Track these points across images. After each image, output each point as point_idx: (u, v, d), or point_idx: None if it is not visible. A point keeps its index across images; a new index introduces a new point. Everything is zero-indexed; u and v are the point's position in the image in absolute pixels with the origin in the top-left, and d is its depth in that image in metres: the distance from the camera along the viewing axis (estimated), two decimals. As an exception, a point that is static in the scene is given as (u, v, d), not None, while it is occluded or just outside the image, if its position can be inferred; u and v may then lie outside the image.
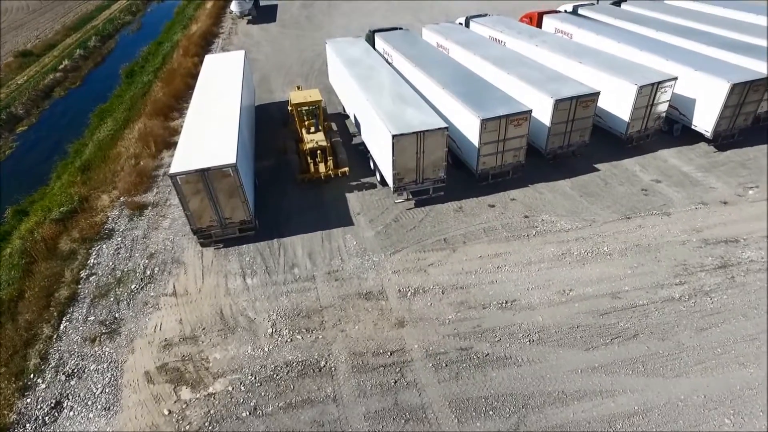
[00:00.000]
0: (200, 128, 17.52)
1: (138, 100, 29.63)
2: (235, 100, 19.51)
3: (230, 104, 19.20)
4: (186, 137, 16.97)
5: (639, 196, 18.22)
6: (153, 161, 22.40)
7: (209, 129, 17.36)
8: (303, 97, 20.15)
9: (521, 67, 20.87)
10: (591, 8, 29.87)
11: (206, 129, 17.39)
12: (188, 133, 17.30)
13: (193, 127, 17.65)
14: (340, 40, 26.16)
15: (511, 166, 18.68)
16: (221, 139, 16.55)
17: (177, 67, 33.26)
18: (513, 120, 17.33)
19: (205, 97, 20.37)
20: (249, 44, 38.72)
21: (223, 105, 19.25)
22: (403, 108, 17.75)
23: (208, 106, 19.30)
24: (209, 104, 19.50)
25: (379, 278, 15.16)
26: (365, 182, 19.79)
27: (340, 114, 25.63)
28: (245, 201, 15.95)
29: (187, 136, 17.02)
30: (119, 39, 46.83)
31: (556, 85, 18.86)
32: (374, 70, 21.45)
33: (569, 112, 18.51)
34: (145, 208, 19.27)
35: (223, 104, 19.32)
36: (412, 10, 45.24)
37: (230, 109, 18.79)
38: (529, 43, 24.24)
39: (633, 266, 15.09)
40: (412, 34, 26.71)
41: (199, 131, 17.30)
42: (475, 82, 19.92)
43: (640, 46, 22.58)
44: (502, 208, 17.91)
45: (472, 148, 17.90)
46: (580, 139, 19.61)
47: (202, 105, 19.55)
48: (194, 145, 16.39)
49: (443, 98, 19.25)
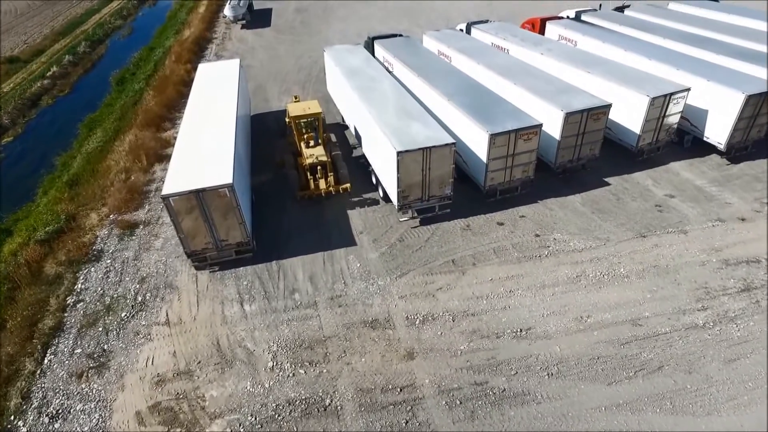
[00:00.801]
0: (194, 144, 16.61)
1: (129, 110, 28.61)
2: (231, 113, 18.62)
3: (225, 117, 18.31)
4: (179, 154, 16.06)
5: (653, 212, 17.52)
6: (144, 175, 21.43)
7: (203, 145, 16.46)
8: (301, 110, 19.29)
9: (528, 77, 20.14)
10: (594, 14, 29.26)
11: (200, 145, 16.48)
12: (181, 149, 16.38)
13: (186, 143, 16.74)
14: (339, 48, 25.34)
15: (520, 182, 17.92)
16: (216, 155, 15.67)
17: (169, 75, 32.29)
18: (523, 134, 16.58)
19: (199, 109, 19.46)
20: (243, 50, 37.81)
21: (217, 118, 18.36)
22: (408, 122, 16.95)
23: (201, 120, 18.39)
24: (203, 117, 18.59)
25: (386, 304, 14.33)
26: (367, 198, 18.95)
27: (339, 124, 24.81)
28: (242, 222, 15.06)
29: (180, 153, 16.11)
30: (109, 44, 45.66)
31: (566, 97, 18.14)
32: (376, 80, 20.63)
33: (580, 125, 17.80)
34: (136, 226, 18.31)
35: (218, 117, 18.43)
36: (409, 15, 44.50)
37: (225, 122, 17.90)
38: (533, 51, 23.54)
39: (652, 290, 14.35)
40: (412, 42, 25.94)
41: (193, 147, 16.39)
42: (481, 93, 19.15)
43: (649, 54, 21.94)
44: (512, 226, 17.14)
45: (480, 163, 17.13)
46: (590, 153, 18.90)
47: (195, 118, 18.64)
48: (188, 162, 15.48)
49: (448, 111, 18.48)
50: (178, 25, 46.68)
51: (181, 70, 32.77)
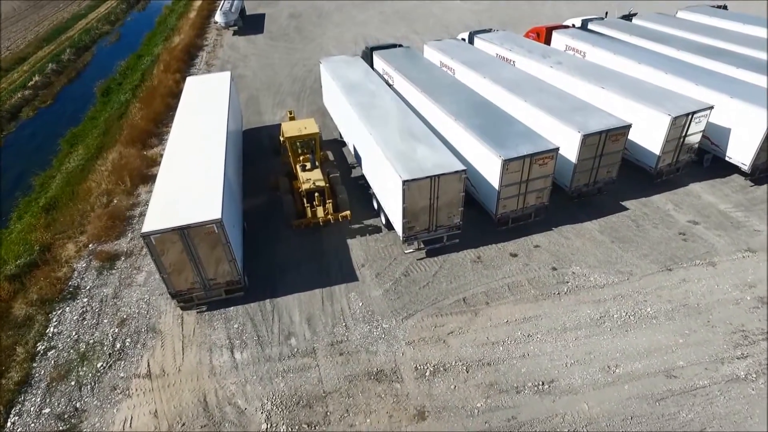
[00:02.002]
0: (179, 170, 15.16)
1: (113, 124, 27.07)
2: (220, 133, 17.19)
3: (214, 138, 16.88)
4: (163, 182, 14.60)
5: (677, 241, 16.27)
6: (128, 198, 19.92)
7: (190, 171, 15.01)
8: (297, 130, 17.88)
9: (539, 93, 18.85)
10: (602, 23, 28.06)
11: (186, 171, 15.04)
12: (165, 176, 14.92)
13: (171, 169, 15.28)
14: (336, 60, 23.95)
15: (534, 209, 16.62)
16: (204, 184, 14.23)
17: (157, 85, 30.73)
18: (538, 159, 15.28)
19: (186, 128, 18.00)
20: (235, 58, 36.33)
21: (206, 139, 16.93)
22: (413, 145, 15.59)
23: (188, 141, 16.94)
24: (190, 138, 17.14)
25: (392, 351, 12.94)
26: (369, 225, 17.57)
27: (336, 140, 23.42)
28: (232, 260, 13.64)
29: (164, 181, 14.65)
30: (96, 51, 43.99)
31: (582, 117, 16.87)
32: (376, 96, 19.27)
33: (597, 147, 16.53)
34: (117, 258, 16.81)
35: (207, 138, 17.00)
36: (407, 21, 43.22)
37: (214, 144, 16.48)
38: (541, 63, 22.28)
39: (684, 333, 13.07)
40: (413, 53, 24.60)
41: (178, 174, 14.94)
42: (489, 112, 17.83)
43: (665, 68, 20.73)
44: (526, 258, 15.82)
45: (491, 190, 15.81)
46: (607, 176, 17.64)
47: (181, 139, 17.18)
48: (172, 192, 14.02)
49: (455, 132, 17.15)
50: (167, 32, 45.08)
51: (170, 80, 31.22)
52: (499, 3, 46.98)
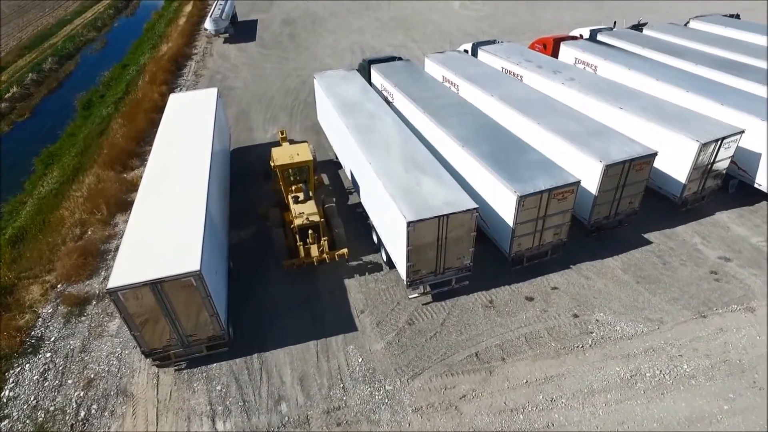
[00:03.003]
0: (155, 208, 13.47)
1: (93, 141, 25.31)
2: (204, 161, 15.54)
3: (197, 167, 15.23)
4: (135, 224, 12.89)
5: (709, 281, 14.75)
6: (103, 229, 18.20)
7: (167, 210, 13.33)
8: (288, 156, 16.21)
9: (552, 115, 17.31)
10: (611, 34, 26.59)
11: (163, 210, 13.36)
12: (138, 216, 13.23)
13: (145, 208, 13.58)
14: (331, 75, 22.32)
15: (551, 246, 15.07)
16: (182, 227, 12.56)
17: (141, 99, 28.98)
18: (557, 194, 13.73)
19: (166, 155, 16.32)
20: (225, 68, 34.63)
21: (187, 168, 15.28)
22: (417, 177, 14.00)
23: (168, 171, 15.26)
24: (170, 168, 15.46)
25: (396, 421, 11.30)
26: (368, 262, 15.95)
27: (332, 161, 21.79)
28: (214, 314, 11.97)
29: (137, 222, 12.95)
30: (80, 59, 42.09)
31: (602, 143, 15.34)
32: (375, 118, 17.66)
33: (620, 177, 15.01)
34: (87, 302, 15.08)
35: (188, 167, 15.36)
36: (404, 28, 41.66)
37: (197, 174, 14.82)
38: (552, 80, 20.75)
39: (728, 397, 11.53)
40: (414, 67, 23.00)
41: (154, 213, 13.25)
42: (499, 136, 16.26)
43: (685, 85, 19.25)
44: (544, 302, 14.24)
45: (504, 227, 14.24)
46: (629, 207, 16.13)
47: (160, 169, 15.50)
48: (145, 237, 12.32)
49: (463, 160, 15.58)
50: (155, 39, 43.30)
51: (155, 93, 29.47)
52: (499, 10, 45.57)
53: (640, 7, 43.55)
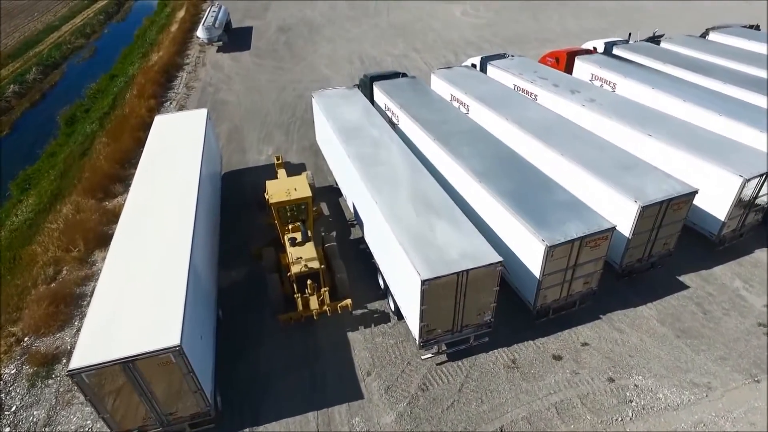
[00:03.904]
0: (131, 261, 11.74)
1: (74, 164, 23.54)
2: (189, 198, 13.85)
3: (182, 205, 13.54)
4: (105, 285, 11.14)
5: (758, 336, 13.15)
6: (80, 268, 16.46)
7: (145, 263, 11.61)
8: (285, 192, 14.50)
9: (575, 143, 15.69)
10: (628, 48, 25.00)
11: (140, 263, 11.64)
12: (111, 273, 11.48)
13: (119, 261, 11.85)
14: (330, 93, 20.63)
15: (580, 295, 13.45)
16: (162, 287, 10.86)
17: (128, 115, 27.21)
18: (590, 241, 12.11)
19: (147, 190, 14.62)
20: (218, 80, 32.87)
21: (171, 207, 13.59)
22: (431, 221, 12.34)
23: (148, 211, 13.55)
24: (151, 205, 13.76)
25: None
26: (373, 310, 14.29)
27: (332, 187, 20.10)
28: (198, 390, 10.26)
29: (108, 283, 11.19)
30: (66, 69, 40.18)
31: (635, 179, 13.73)
32: (380, 146, 16.00)
33: (657, 218, 13.42)
34: (57, 360, 13.33)
35: (172, 205, 13.68)
36: (404, 37, 39.99)
37: (181, 214, 13.14)
38: (570, 100, 19.13)
39: (796, 487, 9.94)
40: (420, 86, 21.31)
41: (129, 268, 11.52)
42: (520, 170, 14.63)
43: (716, 107, 17.66)
44: (574, 362, 12.60)
45: (529, 278, 12.60)
46: (664, 248, 14.54)
47: (140, 208, 13.79)
48: (116, 302, 10.58)
49: (480, 197, 13.94)
50: (146, 47, 41.45)
51: (143, 108, 27.68)
52: (501, 17, 44.01)
53: (644, 14, 42.16)
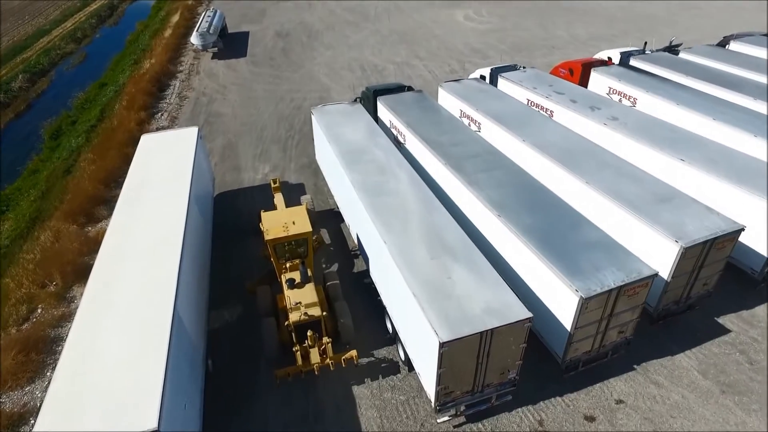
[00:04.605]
0: (105, 314, 10.25)
1: (57, 182, 22.02)
2: (176, 234, 12.43)
3: (167, 243, 12.13)
4: (75, 343, 9.66)
5: (813, 392, 11.77)
6: (56, 306, 14.96)
7: (122, 315, 10.14)
8: (282, 227, 13.00)
9: (602, 170, 14.24)
10: (646, 59, 23.59)
11: (117, 315, 10.16)
12: (82, 328, 10.00)
13: (92, 312, 10.36)
14: (331, 110, 19.15)
15: (613, 345, 12.02)
16: (140, 348, 9.40)
17: (117, 128, 25.71)
18: (629, 290, 10.69)
19: (129, 222, 13.15)
20: (212, 90, 31.38)
21: (154, 245, 12.13)
22: (448, 266, 10.89)
23: (128, 249, 12.07)
24: (131, 243, 12.28)
25: None
26: (381, 359, 12.82)
27: (332, 211, 18.64)
28: (180, 475, 8.80)
29: (78, 341, 9.72)
30: (55, 76, 38.68)
31: (673, 214, 12.30)
32: (388, 173, 14.53)
33: (699, 258, 12.00)
34: (23, 421, 11.80)
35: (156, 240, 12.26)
36: (406, 43, 38.58)
37: (165, 255, 11.72)
38: (590, 118, 17.72)
39: None
40: (428, 102, 19.82)
41: (102, 323, 10.03)
42: (542, 202, 13.18)
43: (751, 127, 16.27)
44: (608, 424, 11.14)
45: (558, 329, 11.16)
46: (703, 289, 13.12)
47: (119, 245, 12.31)
48: (85, 368, 9.11)
49: (500, 234, 12.51)
50: (138, 53, 39.93)
51: (132, 121, 26.20)
52: (507, 22, 42.67)
53: (654, 21, 40.89)
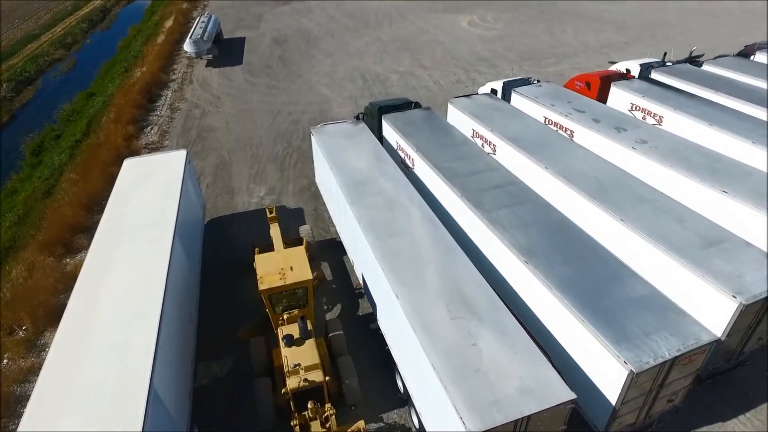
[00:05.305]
0: (71, 380, 8.65)
1: (35, 206, 20.37)
2: (158, 276, 10.92)
3: (148, 285, 10.65)
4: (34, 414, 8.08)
5: None
6: (25, 356, 13.34)
7: (90, 378, 8.53)
8: (279, 274, 11.37)
9: (640, 207, 12.59)
10: (669, 72, 21.99)
11: (84, 378, 8.56)
12: (44, 394, 8.41)
13: (57, 376, 8.75)
14: (332, 131, 17.55)
15: (659, 414, 10.46)
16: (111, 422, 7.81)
17: (103, 143, 24.12)
18: (684, 359, 9.13)
19: (106, 261, 11.59)
20: (206, 101, 29.77)
21: (133, 287, 10.64)
22: (472, 331, 9.31)
23: (104, 292, 10.53)
24: (108, 285, 10.75)
25: None
26: (392, 423, 11.25)
27: (334, 241, 17.07)
28: None
29: (38, 412, 8.13)
30: (41, 84, 36.99)
31: (727, 261, 10.73)
32: (397, 208, 12.93)
33: (758, 314, 10.45)
34: (-22, 504, 10.22)
35: (135, 283, 10.76)
36: (410, 51, 37.03)
37: (146, 301, 10.22)
38: (616, 141, 16.13)
39: None
40: (438, 121, 18.20)
41: (68, 392, 8.44)
42: (576, 246, 11.59)
43: (796, 154, 14.80)
44: None
45: (601, 403, 9.57)
46: (757, 344, 11.58)
47: (95, 286, 10.78)
48: None
49: (527, 284, 10.94)
50: (129, 60, 38.29)
51: (119, 136, 24.55)
52: (513, 28, 41.18)
53: (667, 28, 39.48)
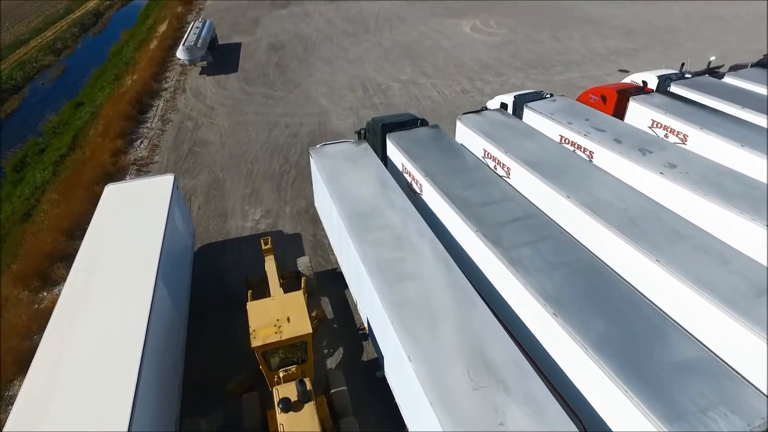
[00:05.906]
0: None
1: (13, 229, 18.98)
2: (138, 320, 9.62)
3: (127, 331, 9.37)
4: None
5: None
6: (-9, 410, 11.98)
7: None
8: (274, 328, 10.01)
9: (675, 242, 11.39)
10: (689, 84, 20.67)
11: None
12: None
13: None
14: (333, 151, 16.20)
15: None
16: None
17: (88, 160, 22.75)
18: (746, 440, 7.85)
19: (81, 301, 10.36)
20: (199, 112, 28.42)
21: (111, 332, 9.41)
22: (497, 402, 8.01)
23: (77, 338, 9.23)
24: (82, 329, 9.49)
25: None
26: (401, 497, 9.94)
27: (334, 272, 15.74)
28: None
29: None
30: (28, 92, 35.68)
31: (781, 314, 9.51)
32: (406, 246, 11.58)
33: (820, 377, 9.18)
34: None
35: (113, 328, 9.53)
36: (411, 58, 35.74)
37: (124, 349, 8.91)
38: (641, 165, 14.84)
39: None
40: (447, 141, 16.84)
41: None
42: (611, 294, 10.25)
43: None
44: None
45: (649, 486, 8.29)
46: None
47: (68, 330, 9.57)
48: None
49: (557, 339, 9.62)
50: (120, 67, 36.95)
51: (106, 151, 23.20)
52: (517, 34, 39.90)
53: (676, 34, 38.28)
